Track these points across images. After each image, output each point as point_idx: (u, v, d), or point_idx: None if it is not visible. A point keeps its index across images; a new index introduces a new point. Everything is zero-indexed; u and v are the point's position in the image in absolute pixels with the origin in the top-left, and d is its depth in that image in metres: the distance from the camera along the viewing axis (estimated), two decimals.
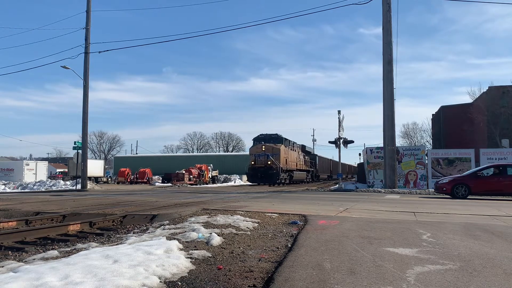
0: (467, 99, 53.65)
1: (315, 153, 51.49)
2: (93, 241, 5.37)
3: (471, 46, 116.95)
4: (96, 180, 39.72)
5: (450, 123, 49.43)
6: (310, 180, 45.63)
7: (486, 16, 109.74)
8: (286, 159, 33.82)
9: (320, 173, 51.62)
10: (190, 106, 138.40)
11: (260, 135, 34.75)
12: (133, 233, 5.91)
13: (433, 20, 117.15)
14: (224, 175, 48.71)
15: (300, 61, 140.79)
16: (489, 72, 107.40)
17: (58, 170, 65.92)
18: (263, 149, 32.10)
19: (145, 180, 44.16)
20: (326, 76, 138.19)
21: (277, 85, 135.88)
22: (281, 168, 32.17)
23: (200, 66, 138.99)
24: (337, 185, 25.80)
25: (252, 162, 32.62)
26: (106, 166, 56.09)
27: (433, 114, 60.03)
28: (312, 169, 46.18)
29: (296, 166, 38.44)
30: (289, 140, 36.86)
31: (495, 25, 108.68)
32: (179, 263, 3.70)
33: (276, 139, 33.98)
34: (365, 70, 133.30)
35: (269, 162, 31.48)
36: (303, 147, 43.80)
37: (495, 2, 41.54)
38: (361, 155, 43.72)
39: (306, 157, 44.22)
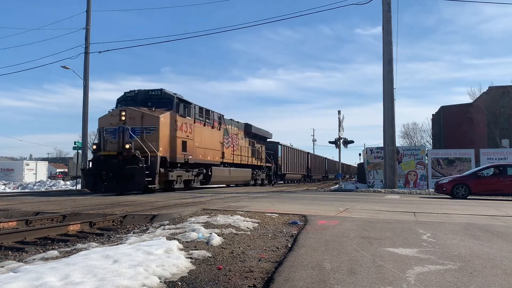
0: (465, 99, 53.78)
1: (276, 140, 33.30)
2: (93, 241, 5.36)
3: (468, 46, 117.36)
4: None
5: (450, 123, 49.52)
6: (265, 181, 29.35)
7: (482, 17, 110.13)
8: (184, 142, 17.17)
9: (287, 171, 35.18)
10: None
11: (129, 92, 17.19)
12: (133, 233, 5.91)
13: (430, 21, 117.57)
14: None
15: (298, 61, 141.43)
16: (486, 73, 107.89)
17: (58, 170, 65.93)
18: (123, 117, 15.27)
19: None
20: (324, 76, 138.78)
21: (275, 85, 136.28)
22: (162, 157, 15.54)
23: (198, 66, 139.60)
24: (337, 185, 25.82)
25: (94, 147, 15.91)
26: None
27: (433, 114, 60.14)
28: (270, 165, 30.11)
29: (224, 157, 21.52)
30: (201, 107, 19.21)
31: (491, 26, 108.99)
32: (179, 263, 3.70)
33: (159, 99, 16.64)
34: (362, 70, 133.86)
35: (127, 146, 14.76)
36: (247, 128, 25.54)
37: (491, 2, 41.57)
38: (361, 155, 43.59)
39: (258, 146, 27.56)
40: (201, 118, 19.21)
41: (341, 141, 25.76)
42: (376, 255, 4.12)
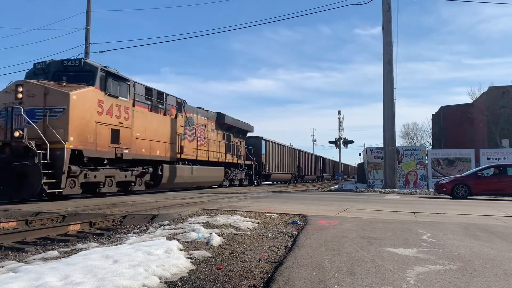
0: (465, 99, 53.82)
1: (259, 135, 29.10)
2: (93, 241, 5.36)
3: (467, 46, 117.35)
4: None
5: (450, 123, 49.51)
6: (244, 182, 25.54)
7: (481, 17, 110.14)
8: (115, 131, 13.08)
9: (273, 170, 30.75)
10: None
11: (39, 64, 12.95)
12: (133, 233, 5.92)
13: (428, 21, 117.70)
14: None
15: (298, 61, 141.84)
16: (486, 73, 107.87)
17: None
18: (19, 95, 11.21)
19: None
20: (324, 76, 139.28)
21: (275, 85, 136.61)
22: (75, 151, 11.49)
23: (197, 67, 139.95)
24: (337, 185, 25.85)
25: None
26: None
27: (433, 114, 60.13)
28: (250, 163, 26.08)
29: (183, 152, 17.16)
30: (148, 88, 15.33)
31: (490, 26, 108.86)
32: (179, 263, 3.70)
33: (78, 72, 12.46)
34: (361, 71, 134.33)
35: (16, 134, 10.69)
36: (219, 118, 21.61)
37: (490, 2, 41.57)
38: (361, 155, 43.56)
39: (235, 140, 23.80)
40: (147, 102, 14.99)
41: (341, 141, 25.78)
42: (376, 255, 4.12)
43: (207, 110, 20.64)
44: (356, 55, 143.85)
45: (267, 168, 29.53)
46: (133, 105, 14.12)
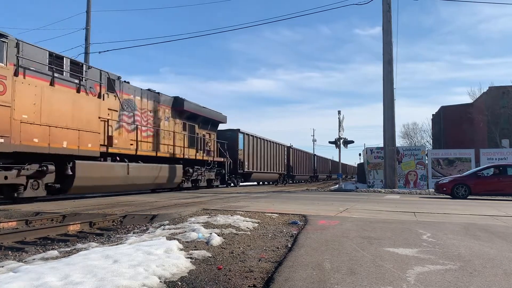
0: (465, 99, 53.93)
1: (236, 127, 24.86)
2: (93, 241, 5.36)
3: (467, 46, 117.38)
4: None
5: (450, 123, 49.57)
6: (215, 183, 21.60)
7: (480, 17, 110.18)
8: None
9: (253, 169, 26.54)
10: None
11: None
12: (133, 233, 5.92)
13: (428, 21, 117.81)
14: None
15: (297, 62, 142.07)
16: (486, 73, 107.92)
17: None
18: None
19: None
20: (324, 76, 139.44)
21: (275, 85, 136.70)
22: None
23: (197, 67, 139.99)
24: (337, 185, 25.87)
25: None
26: None
27: (433, 114, 60.20)
28: (222, 160, 22.02)
29: (111, 143, 13.14)
30: (51, 53, 10.88)
31: (490, 26, 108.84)
32: (179, 263, 3.70)
33: None
34: (361, 71, 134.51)
35: None
36: (177, 104, 17.72)
37: (489, 2, 41.60)
38: (361, 155, 43.54)
39: (201, 132, 20.08)
40: (48, 73, 10.77)
41: (341, 141, 25.77)
42: (376, 255, 4.12)
43: (158, 93, 16.52)
44: (356, 55, 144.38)
45: (246, 166, 25.21)
46: (16, 74, 9.81)
